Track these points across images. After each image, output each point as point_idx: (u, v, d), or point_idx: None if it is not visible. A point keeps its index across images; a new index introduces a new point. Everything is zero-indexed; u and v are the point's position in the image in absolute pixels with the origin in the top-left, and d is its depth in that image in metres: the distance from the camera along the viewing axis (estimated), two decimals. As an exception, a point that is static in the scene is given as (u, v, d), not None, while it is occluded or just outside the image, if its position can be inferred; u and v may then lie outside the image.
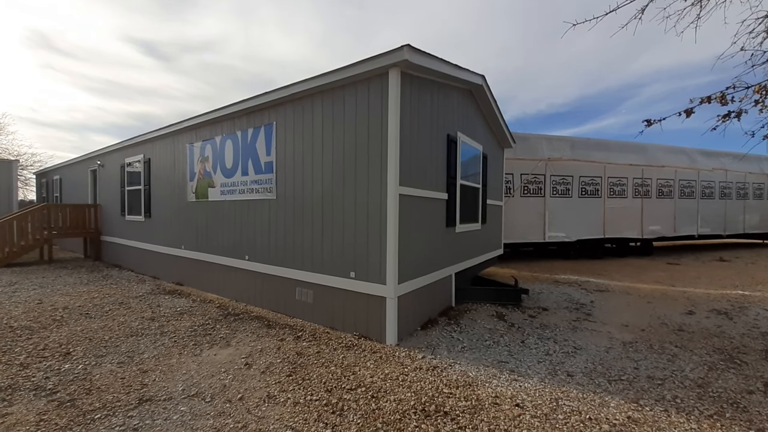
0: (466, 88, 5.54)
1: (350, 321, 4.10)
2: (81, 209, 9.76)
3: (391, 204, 3.71)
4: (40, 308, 4.93)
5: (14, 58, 31.69)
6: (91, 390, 2.69)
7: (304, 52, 46.55)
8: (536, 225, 10.60)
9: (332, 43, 47.69)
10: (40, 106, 36.24)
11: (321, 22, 34.88)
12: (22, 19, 27.86)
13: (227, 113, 5.57)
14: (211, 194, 6.09)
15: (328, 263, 4.32)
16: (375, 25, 37.66)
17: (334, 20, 35.83)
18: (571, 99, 55.06)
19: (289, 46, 42.24)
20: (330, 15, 34.45)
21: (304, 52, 46.92)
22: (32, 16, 27.97)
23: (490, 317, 4.76)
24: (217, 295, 5.89)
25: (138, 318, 4.54)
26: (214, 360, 3.30)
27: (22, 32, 29.35)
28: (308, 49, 46.46)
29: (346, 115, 4.12)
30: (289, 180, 4.79)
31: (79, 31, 31.20)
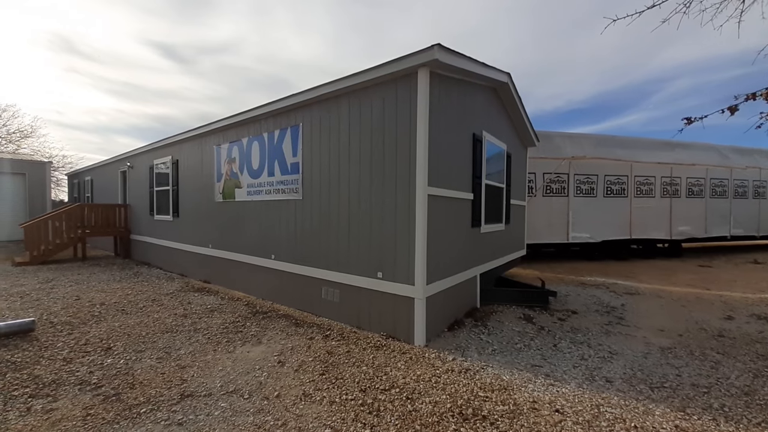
0: (491, 86, 5.46)
1: (377, 321, 4.11)
2: (112, 209, 10.14)
3: (419, 204, 3.69)
4: (78, 304, 5.15)
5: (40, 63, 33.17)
6: (134, 384, 2.79)
7: (317, 52, 46.93)
8: (559, 225, 10.36)
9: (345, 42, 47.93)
10: (66, 109, 37.87)
11: (333, 21, 35.09)
12: (46, 23, 29.17)
13: (254, 115, 5.67)
14: (237, 194, 6.22)
15: (355, 263, 4.34)
16: (388, 24, 37.59)
17: (346, 19, 35.98)
18: (590, 95, 53.37)
19: (303, 46, 42.71)
20: (342, 14, 34.61)
21: (317, 53, 47.30)
22: (56, 21, 29.27)
23: (517, 319, 4.68)
24: (244, 293, 6.01)
25: (171, 315, 4.68)
26: (248, 357, 3.36)
27: (46, 37, 30.71)
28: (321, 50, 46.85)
29: (373, 116, 4.13)
30: (315, 180, 4.84)
31: (101, 35, 32.47)
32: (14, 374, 2.92)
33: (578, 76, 46.03)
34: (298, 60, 49.50)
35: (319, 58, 49.00)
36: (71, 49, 32.59)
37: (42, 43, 30.95)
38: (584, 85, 49.33)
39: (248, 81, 53.30)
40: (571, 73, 45.90)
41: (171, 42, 38.83)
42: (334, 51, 50.58)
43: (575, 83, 48.36)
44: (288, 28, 37.37)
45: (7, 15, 26.79)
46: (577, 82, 48.07)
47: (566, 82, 48.56)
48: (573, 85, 49.49)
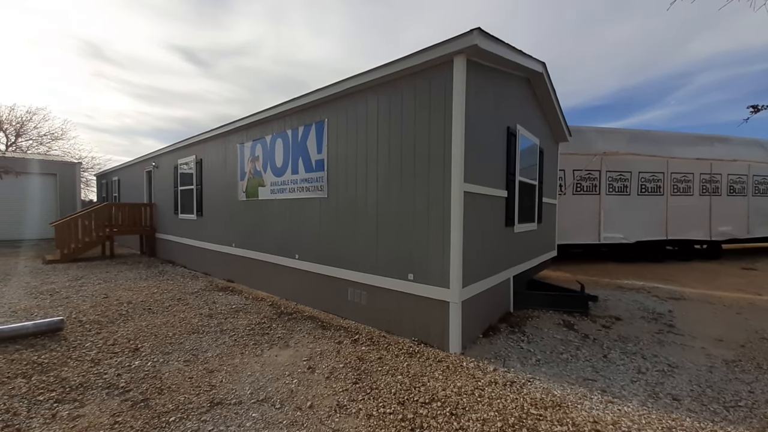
0: (525, 76, 5.15)
1: (408, 325, 3.90)
2: (138, 208, 10.33)
3: (455, 202, 3.46)
4: (106, 303, 5.17)
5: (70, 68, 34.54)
6: (163, 390, 2.68)
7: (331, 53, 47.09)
8: (590, 225, 9.87)
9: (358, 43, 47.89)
10: (95, 112, 39.34)
11: (348, 21, 35.03)
12: (76, 31, 30.34)
13: (277, 112, 5.56)
14: (261, 193, 6.13)
15: (383, 264, 4.14)
16: (402, 23, 37.21)
17: (361, 19, 35.84)
18: (612, 91, 51.17)
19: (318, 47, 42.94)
20: (355, 14, 34.50)
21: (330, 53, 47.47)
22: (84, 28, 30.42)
23: (556, 326, 4.38)
24: (267, 292, 5.92)
25: (197, 314, 4.61)
26: (276, 361, 3.21)
27: (76, 44, 31.94)
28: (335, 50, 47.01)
29: (403, 109, 3.91)
30: (341, 178, 4.67)
31: (126, 41, 33.62)
32: (40, 377, 2.86)
33: (598, 71, 44.24)
34: (313, 61, 49.82)
35: (333, 59, 49.19)
36: (99, 55, 33.82)
37: (72, 49, 32.25)
38: (605, 81, 47.36)
39: (265, 82, 54.07)
40: (591, 69, 44.21)
41: (192, 45, 39.79)
42: (347, 51, 50.64)
43: (595, 79, 46.51)
44: (303, 30, 37.62)
45: (40, 24, 28.01)
46: (597, 78, 46.21)
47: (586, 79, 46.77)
48: (593, 81, 47.61)
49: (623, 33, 30.02)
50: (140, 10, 29.54)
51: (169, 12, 31.14)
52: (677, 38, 33.16)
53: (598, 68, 43.29)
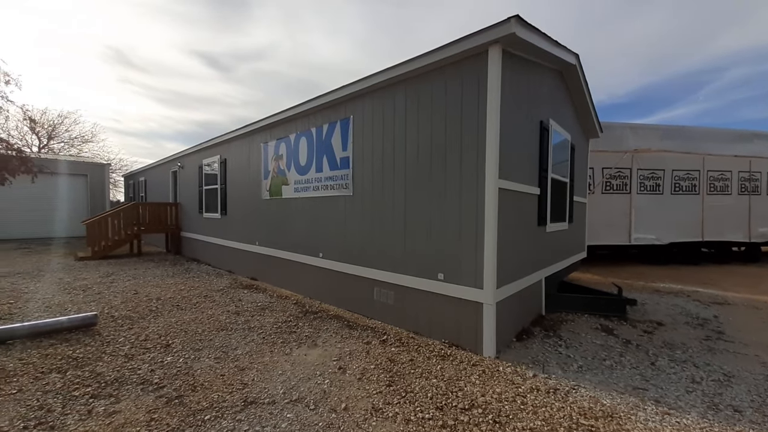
0: (557, 68, 4.94)
1: (438, 326, 3.77)
2: (164, 207, 10.58)
3: (489, 199, 3.31)
4: (136, 299, 5.26)
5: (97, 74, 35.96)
6: (196, 387, 2.66)
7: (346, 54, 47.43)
8: (620, 225, 9.46)
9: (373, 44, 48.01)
10: (121, 116, 40.90)
11: (361, 23, 35.12)
12: (101, 38, 31.57)
13: (301, 111, 5.54)
14: (284, 192, 6.13)
15: (411, 263, 4.03)
16: (416, 23, 36.98)
17: (374, 20, 35.88)
18: (635, 87, 49.06)
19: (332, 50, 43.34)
20: (370, 15, 34.53)
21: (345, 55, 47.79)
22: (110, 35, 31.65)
23: (593, 330, 4.16)
24: (291, 291, 5.90)
25: (224, 312, 4.63)
26: (306, 360, 3.16)
27: (102, 50, 33.24)
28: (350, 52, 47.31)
29: (433, 104, 3.80)
30: (367, 175, 4.59)
31: (150, 48, 34.86)
32: (75, 371, 2.89)
33: (621, 68, 42.58)
34: (328, 63, 50.25)
35: (348, 61, 49.50)
36: (125, 61, 35.14)
37: (100, 56, 33.59)
38: (629, 77, 45.53)
39: (281, 85, 54.95)
40: (613, 65, 42.62)
41: (212, 51, 40.86)
42: (362, 52, 50.83)
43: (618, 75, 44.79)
44: (318, 32, 38.00)
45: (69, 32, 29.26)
46: (620, 75, 44.46)
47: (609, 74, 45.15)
48: (616, 77, 45.89)
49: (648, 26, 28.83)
50: (163, 18, 30.55)
51: (190, 19, 32.08)
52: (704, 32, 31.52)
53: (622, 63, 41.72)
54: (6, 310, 4.56)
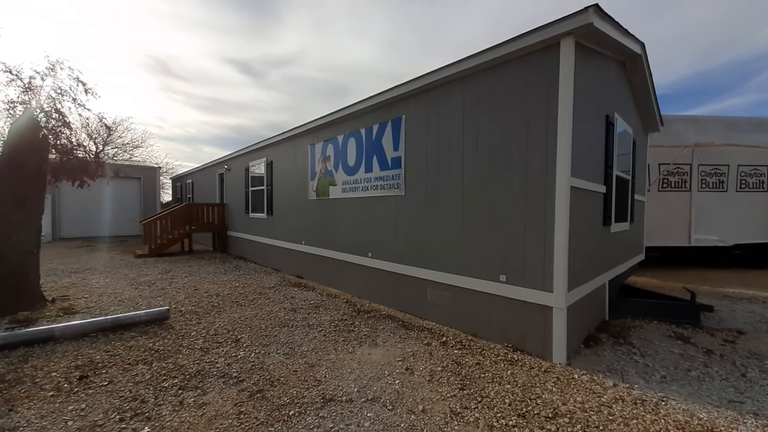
0: (620, 58, 4.66)
1: (498, 330, 3.67)
2: (212, 208, 11.12)
3: (560, 198, 3.17)
4: (197, 294, 5.55)
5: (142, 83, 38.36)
6: (273, 382, 2.75)
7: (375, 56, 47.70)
8: (678, 225, 8.82)
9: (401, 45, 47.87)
10: (164, 123, 43.47)
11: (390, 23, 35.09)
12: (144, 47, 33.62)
13: (350, 112, 5.60)
14: (332, 192, 6.23)
15: (469, 264, 3.95)
16: (445, 20, 36.40)
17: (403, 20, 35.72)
18: (681, 77, 45.08)
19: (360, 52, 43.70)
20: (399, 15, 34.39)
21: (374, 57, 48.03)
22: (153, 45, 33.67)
23: (667, 338, 3.89)
24: (339, 289, 5.99)
25: (281, 308, 4.77)
26: (371, 360, 3.18)
27: (145, 60, 35.42)
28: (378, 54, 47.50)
29: (493, 100, 3.70)
30: (420, 175, 4.55)
31: (190, 57, 36.84)
32: (160, 363, 3.07)
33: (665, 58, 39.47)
34: (357, 66, 50.80)
35: (377, 62, 49.76)
36: (167, 71, 37.37)
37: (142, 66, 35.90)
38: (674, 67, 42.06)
39: (311, 89, 56.25)
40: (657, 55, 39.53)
41: (245, 58, 42.53)
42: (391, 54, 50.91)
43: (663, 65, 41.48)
44: (347, 35, 38.50)
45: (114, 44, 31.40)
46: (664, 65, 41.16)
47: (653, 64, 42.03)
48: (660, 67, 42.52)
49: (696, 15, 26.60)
50: (200, 28, 32.16)
51: (225, 28, 33.51)
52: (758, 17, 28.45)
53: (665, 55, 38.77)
54: (84, 304, 4.96)
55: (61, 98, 4.53)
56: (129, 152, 25.96)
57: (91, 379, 2.75)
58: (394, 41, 45.61)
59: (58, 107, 4.50)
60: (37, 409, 2.34)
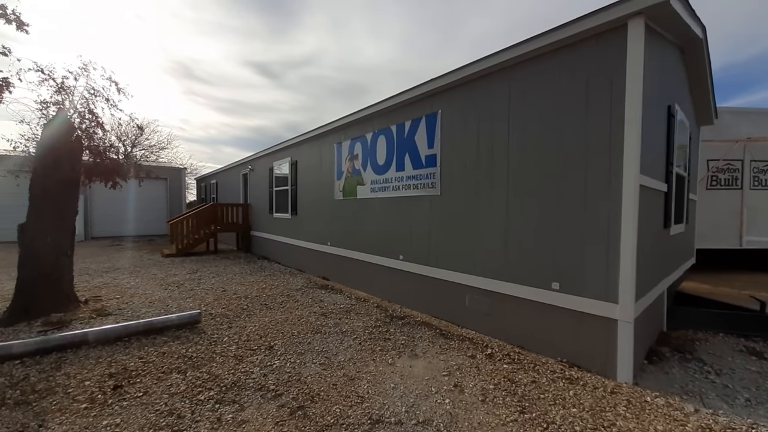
0: (679, 43, 4.23)
1: (548, 342, 3.36)
2: (236, 208, 11.16)
3: (628, 198, 2.84)
4: (225, 296, 5.47)
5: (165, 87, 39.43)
6: (313, 397, 2.55)
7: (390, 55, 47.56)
8: (728, 226, 8.15)
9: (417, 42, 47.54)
10: (186, 125, 44.63)
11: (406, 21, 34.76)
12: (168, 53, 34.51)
13: (379, 109, 5.39)
14: (359, 192, 6.03)
15: (515, 269, 3.65)
16: (462, 16, 35.73)
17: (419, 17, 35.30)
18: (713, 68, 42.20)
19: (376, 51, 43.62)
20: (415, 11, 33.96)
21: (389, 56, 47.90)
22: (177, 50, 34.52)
23: (739, 353, 3.48)
24: (367, 293, 5.79)
25: (311, 313, 4.61)
26: (413, 373, 2.94)
27: (168, 64, 36.37)
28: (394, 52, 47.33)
29: (543, 91, 3.39)
30: (458, 173, 4.28)
31: (211, 61, 37.65)
32: (194, 372, 2.93)
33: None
34: (372, 65, 50.81)
35: (393, 61, 49.59)
36: (190, 75, 38.34)
37: (166, 70, 36.93)
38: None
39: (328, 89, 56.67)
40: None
41: (264, 60, 43.18)
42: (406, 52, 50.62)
43: None
44: (363, 35, 38.49)
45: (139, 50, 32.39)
46: None
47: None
48: None
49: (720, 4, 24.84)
50: (222, 32, 32.78)
51: (245, 31, 34.07)
52: None
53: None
54: (116, 306, 4.94)
55: (94, 98, 4.51)
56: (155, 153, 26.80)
57: (125, 389, 2.63)
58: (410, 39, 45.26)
59: (91, 108, 4.48)
60: (70, 424, 2.22)
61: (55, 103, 4.37)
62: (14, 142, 6.14)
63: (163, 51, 34.09)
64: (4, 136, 6.66)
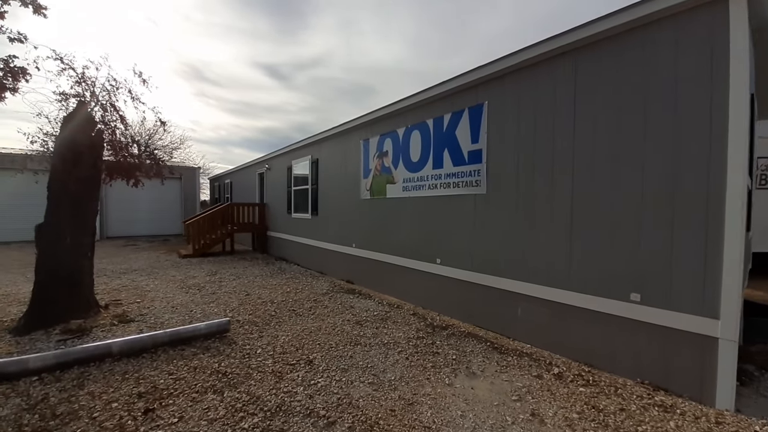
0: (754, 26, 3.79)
1: (625, 360, 2.97)
2: (253, 207, 10.92)
3: (734, 199, 2.45)
4: (250, 301, 5.17)
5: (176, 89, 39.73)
6: (372, 426, 2.21)
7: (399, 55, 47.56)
8: (777, 228, 7.61)
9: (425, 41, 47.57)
10: (197, 126, 44.94)
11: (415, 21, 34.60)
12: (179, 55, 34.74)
13: (414, 102, 5.04)
14: (389, 191, 5.69)
15: (582, 277, 3.27)
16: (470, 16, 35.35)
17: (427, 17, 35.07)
18: None
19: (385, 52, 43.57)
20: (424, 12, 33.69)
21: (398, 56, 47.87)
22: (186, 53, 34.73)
23: (843, 374, 3.03)
24: (398, 298, 5.44)
25: (343, 321, 4.27)
26: (477, 396, 2.58)
27: (180, 67, 36.60)
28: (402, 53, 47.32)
29: (620, 77, 3.00)
30: (508, 171, 3.91)
31: (222, 63, 37.86)
32: (232, 392, 2.61)
33: None
34: (381, 65, 50.79)
35: (401, 62, 49.49)
36: (201, 77, 38.56)
37: (177, 72, 37.20)
38: None
39: (336, 90, 56.73)
40: None
41: (273, 62, 43.30)
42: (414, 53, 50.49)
43: None
44: (372, 36, 38.39)
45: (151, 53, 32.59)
46: None
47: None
48: None
49: None
50: (232, 34, 32.90)
51: (254, 34, 34.12)
52: None
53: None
54: (137, 311, 4.67)
55: (116, 91, 4.24)
56: (168, 153, 26.86)
57: (158, 413, 2.32)
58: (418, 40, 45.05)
59: (113, 101, 4.22)
60: (100, 460, 1.92)
61: (75, 95, 4.11)
62: (32, 136, 5.88)
63: (174, 53, 34.32)
64: (20, 130, 6.36)
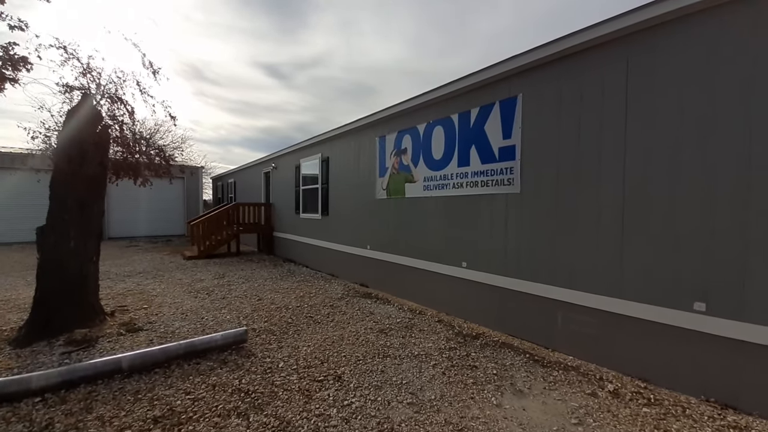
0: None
1: (687, 375, 2.70)
2: (259, 208, 10.64)
3: (824, 196, 2.17)
4: (263, 306, 4.89)
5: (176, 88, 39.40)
6: (424, 460, 1.93)
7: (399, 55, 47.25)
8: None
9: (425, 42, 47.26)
10: (197, 126, 44.69)
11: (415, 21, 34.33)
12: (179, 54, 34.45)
13: (436, 96, 4.76)
14: (408, 190, 5.40)
15: (635, 284, 2.99)
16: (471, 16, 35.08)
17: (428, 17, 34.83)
18: None
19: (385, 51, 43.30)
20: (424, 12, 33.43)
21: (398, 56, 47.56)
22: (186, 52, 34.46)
23: None
24: (419, 304, 5.16)
25: (366, 329, 3.99)
26: (532, 420, 2.31)
27: (180, 66, 36.31)
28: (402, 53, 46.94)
29: (682, 64, 2.72)
30: (545, 168, 3.63)
31: (222, 62, 37.64)
32: (258, 416, 2.33)
33: None
34: (381, 65, 50.54)
35: (401, 61, 49.24)
36: (201, 76, 38.33)
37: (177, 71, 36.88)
38: None
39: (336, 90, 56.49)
40: None
41: (274, 61, 43.05)
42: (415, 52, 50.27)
43: None
44: (372, 36, 38.17)
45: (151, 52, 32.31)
46: None
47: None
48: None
49: None
50: (232, 34, 32.66)
51: (255, 33, 33.87)
52: None
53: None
54: (145, 318, 4.40)
55: (123, 83, 3.96)
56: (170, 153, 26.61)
57: (177, 443, 2.04)
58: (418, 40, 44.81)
59: (120, 95, 3.94)
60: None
61: (80, 88, 3.84)
62: (33, 131, 5.54)
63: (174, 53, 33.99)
64: (21, 124, 6.02)
